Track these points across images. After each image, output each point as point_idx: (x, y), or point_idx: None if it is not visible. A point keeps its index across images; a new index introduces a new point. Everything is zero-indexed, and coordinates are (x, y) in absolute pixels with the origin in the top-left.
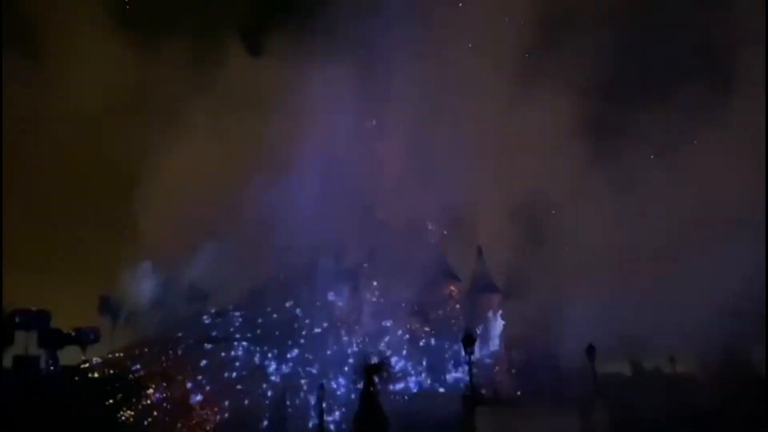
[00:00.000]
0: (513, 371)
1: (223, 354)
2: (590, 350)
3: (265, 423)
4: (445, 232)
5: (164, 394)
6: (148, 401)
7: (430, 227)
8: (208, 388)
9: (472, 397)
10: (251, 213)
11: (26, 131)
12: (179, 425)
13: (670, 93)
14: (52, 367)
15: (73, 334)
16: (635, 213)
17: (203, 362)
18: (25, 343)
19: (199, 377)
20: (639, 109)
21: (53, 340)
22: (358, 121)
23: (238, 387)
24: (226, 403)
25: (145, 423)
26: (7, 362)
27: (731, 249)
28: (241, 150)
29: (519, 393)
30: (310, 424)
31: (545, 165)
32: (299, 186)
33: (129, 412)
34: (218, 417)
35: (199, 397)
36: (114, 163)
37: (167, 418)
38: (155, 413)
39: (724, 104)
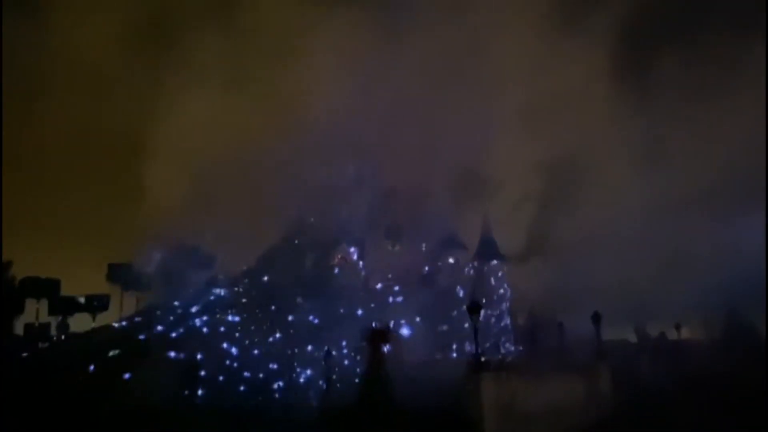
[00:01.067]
0: (518, 338)
1: (229, 321)
2: (596, 317)
3: (276, 386)
4: (453, 199)
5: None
6: (155, 367)
7: (438, 193)
8: (214, 354)
9: (477, 363)
10: (265, 174)
11: (31, 91)
12: (185, 391)
13: (699, 46)
14: (62, 335)
15: (83, 301)
16: (651, 174)
17: (208, 329)
18: (36, 310)
19: (205, 344)
20: (666, 63)
21: (63, 307)
22: (376, 74)
23: (246, 353)
24: (231, 366)
25: (151, 388)
26: (19, 330)
27: (744, 213)
28: (255, 104)
29: (524, 359)
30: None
31: (562, 125)
32: (313, 146)
33: (135, 377)
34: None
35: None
36: (122, 122)
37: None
38: (161, 379)
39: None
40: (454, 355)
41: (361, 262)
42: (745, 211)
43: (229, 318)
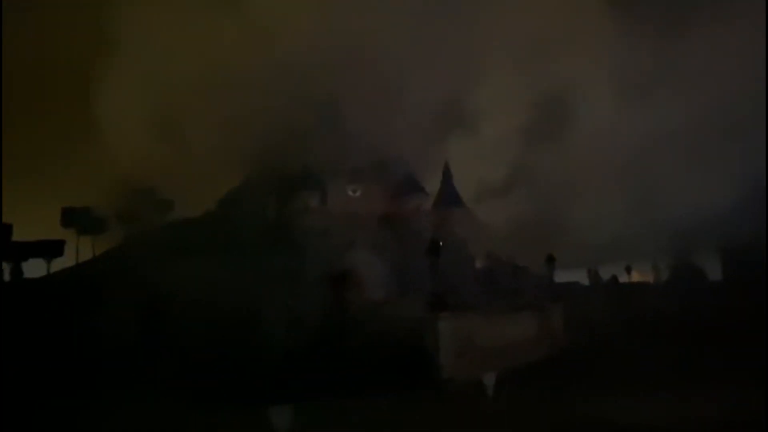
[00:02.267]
0: (476, 279)
1: (191, 264)
2: (549, 260)
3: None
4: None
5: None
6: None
7: (407, 133)
8: (175, 299)
9: (435, 304)
10: (229, 108)
11: None
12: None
13: None
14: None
15: (36, 247)
16: (636, 112)
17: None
18: None
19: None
20: None
21: (15, 253)
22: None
23: (210, 296)
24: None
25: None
26: None
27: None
28: (220, 32)
29: (481, 300)
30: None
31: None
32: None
33: (95, 323)
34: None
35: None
36: (75, 49)
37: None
38: (121, 325)
39: None
40: (414, 296)
41: (322, 206)
42: (726, 151)
43: (191, 261)
